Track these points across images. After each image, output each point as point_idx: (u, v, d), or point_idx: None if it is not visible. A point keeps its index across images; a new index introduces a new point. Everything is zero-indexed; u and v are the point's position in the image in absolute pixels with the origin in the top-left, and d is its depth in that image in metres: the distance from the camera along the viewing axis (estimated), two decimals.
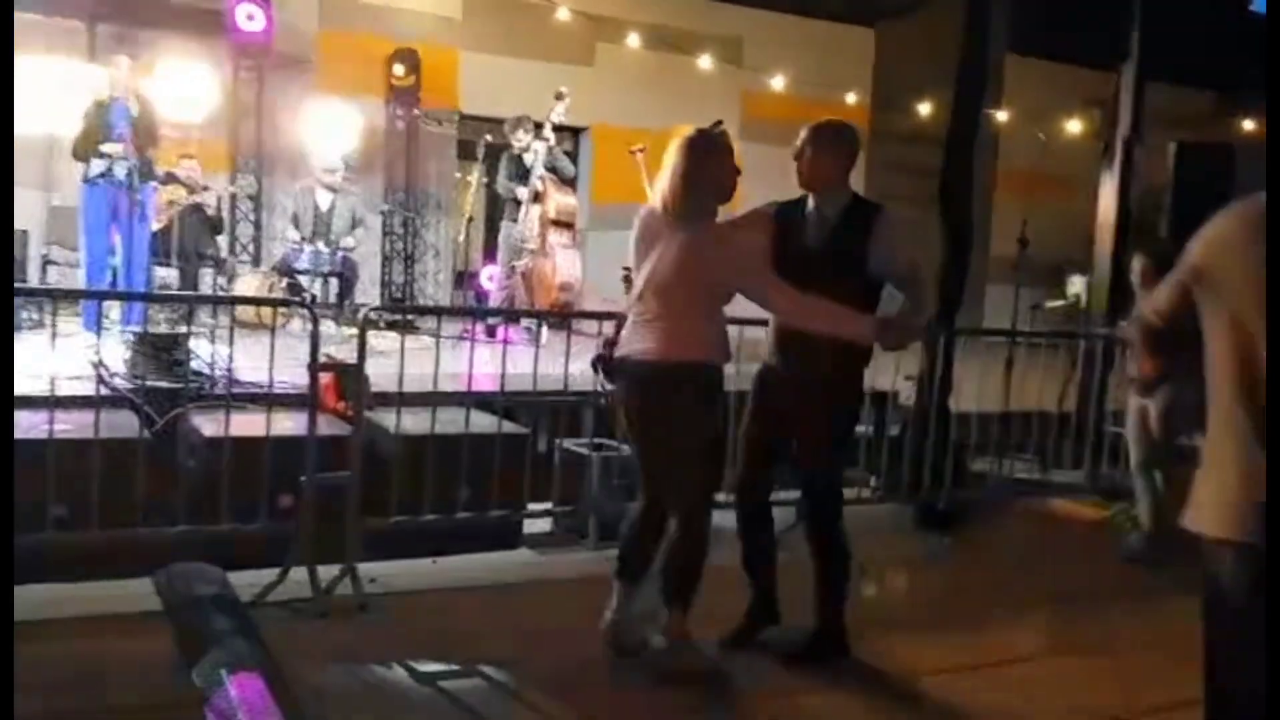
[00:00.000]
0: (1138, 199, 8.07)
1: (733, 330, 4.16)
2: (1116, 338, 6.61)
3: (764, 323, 4.10)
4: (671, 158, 3.64)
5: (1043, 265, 9.45)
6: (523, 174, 8.87)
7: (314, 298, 8.64)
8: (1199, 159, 7.08)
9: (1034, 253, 7.90)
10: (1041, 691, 3.88)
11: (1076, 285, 9.91)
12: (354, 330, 5.54)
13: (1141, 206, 8.28)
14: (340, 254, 9.15)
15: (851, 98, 11.49)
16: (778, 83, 10.81)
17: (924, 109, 10.54)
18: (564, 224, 8.93)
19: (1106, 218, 7.96)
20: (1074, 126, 10.89)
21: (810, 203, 3.95)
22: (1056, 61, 12.76)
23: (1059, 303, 9.86)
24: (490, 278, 9.91)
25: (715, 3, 11.49)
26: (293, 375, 5.12)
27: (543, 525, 5.53)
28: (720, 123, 3.83)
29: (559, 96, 8.65)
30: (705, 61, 10.70)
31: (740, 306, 3.80)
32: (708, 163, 3.65)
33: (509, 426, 5.31)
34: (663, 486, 3.78)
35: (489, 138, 9.43)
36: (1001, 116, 10.83)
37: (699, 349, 3.65)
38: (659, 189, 3.67)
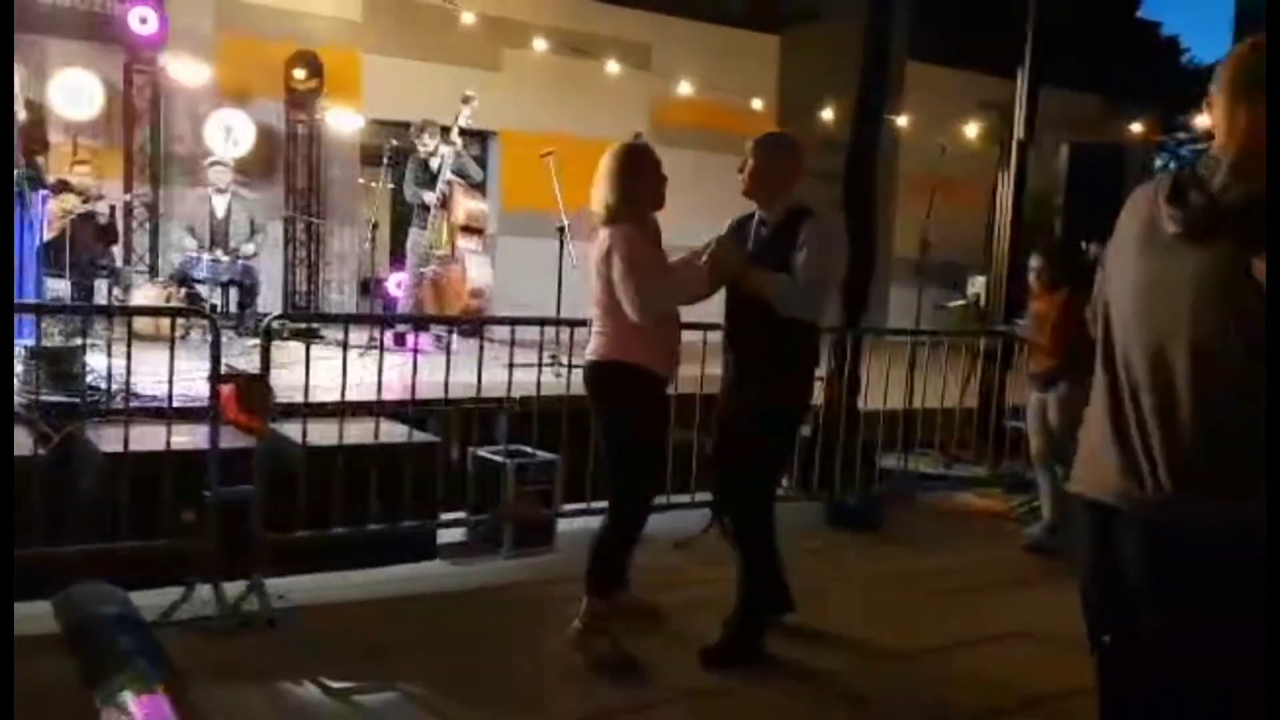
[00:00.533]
0: (1033, 199, 8.33)
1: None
2: (1015, 335, 6.80)
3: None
4: (606, 165, 3.81)
5: (944, 266, 9.69)
6: (430, 179, 8.78)
7: (214, 307, 8.43)
8: (1090, 159, 7.31)
9: (935, 254, 8.10)
10: (956, 678, 3.97)
11: (977, 285, 10.16)
12: (256, 340, 5.42)
13: (1037, 206, 8.55)
14: (240, 262, 8.94)
15: (758, 103, 11.63)
16: (685, 88, 10.88)
17: (828, 115, 10.71)
18: (473, 229, 8.86)
19: (1003, 218, 8.20)
20: (972, 130, 11.18)
21: (756, 214, 4.06)
22: (954, 68, 13.11)
23: (960, 302, 10.10)
24: (398, 284, 9.79)
25: (622, 9, 11.52)
26: (193, 387, 4.99)
27: (457, 535, 5.47)
28: (640, 134, 4.01)
29: (466, 100, 8.58)
30: (613, 67, 10.72)
31: (699, 311, 4.09)
32: (640, 171, 3.84)
33: (420, 436, 5.25)
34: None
35: (394, 142, 9.31)
36: (902, 121, 11.05)
37: (625, 351, 3.78)
38: (594, 195, 3.84)
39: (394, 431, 5.20)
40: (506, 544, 5.27)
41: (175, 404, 4.69)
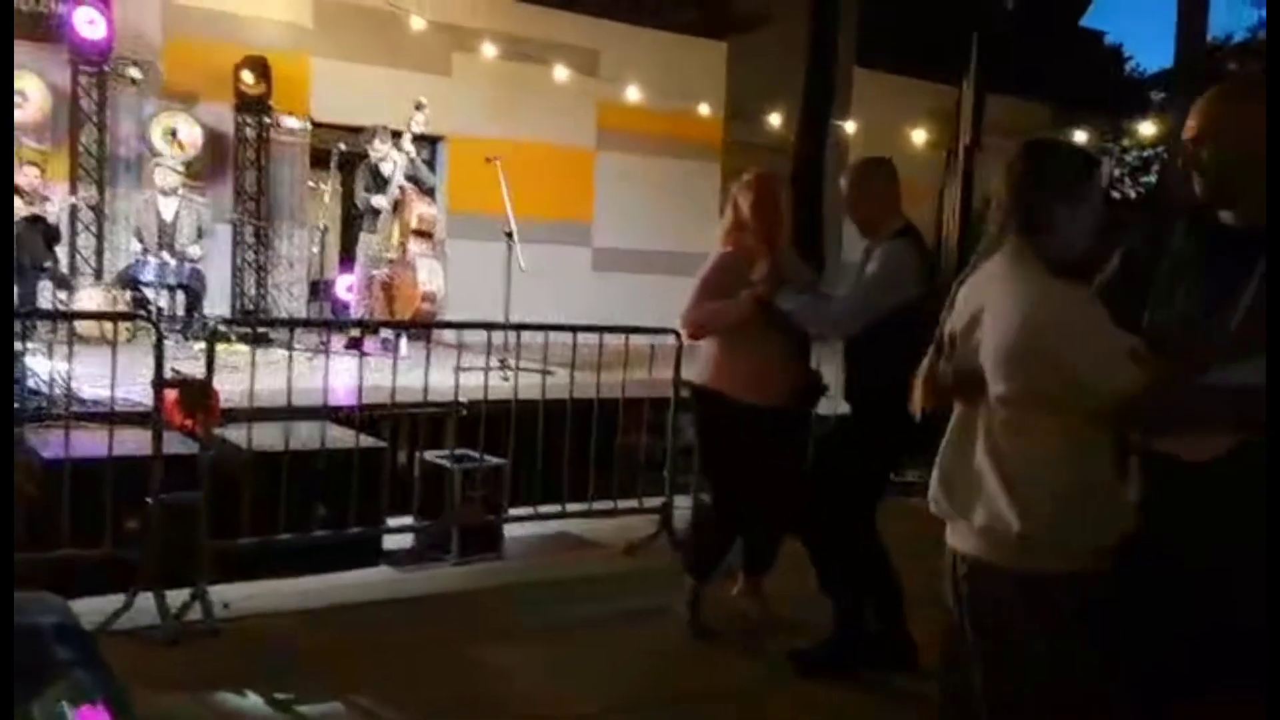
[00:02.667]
0: (980, 204, 8.47)
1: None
2: None
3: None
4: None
5: None
6: (380, 183, 8.75)
7: (159, 311, 8.34)
8: None
9: None
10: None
11: None
12: (203, 344, 5.37)
13: (984, 211, 8.69)
14: (187, 265, 8.85)
15: (705, 109, 11.71)
16: (633, 94, 10.92)
17: (775, 120, 10.81)
18: (425, 234, 8.84)
19: (951, 223, 8.34)
20: (920, 136, 11.33)
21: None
22: (902, 75, 13.28)
23: None
24: (348, 288, 9.74)
25: (571, 15, 11.55)
26: (137, 392, 4.94)
27: (404, 541, 5.46)
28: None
29: (419, 106, 8.56)
30: (561, 72, 10.74)
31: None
32: (755, 202, 4.04)
33: (366, 440, 5.23)
34: None
35: (343, 146, 9.26)
36: (850, 128, 11.18)
37: (697, 374, 4.15)
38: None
39: (341, 436, 5.18)
40: (454, 550, 5.27)
41: (119, 409, 4.64)
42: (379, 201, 8.71)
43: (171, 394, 4.57)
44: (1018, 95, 12.96)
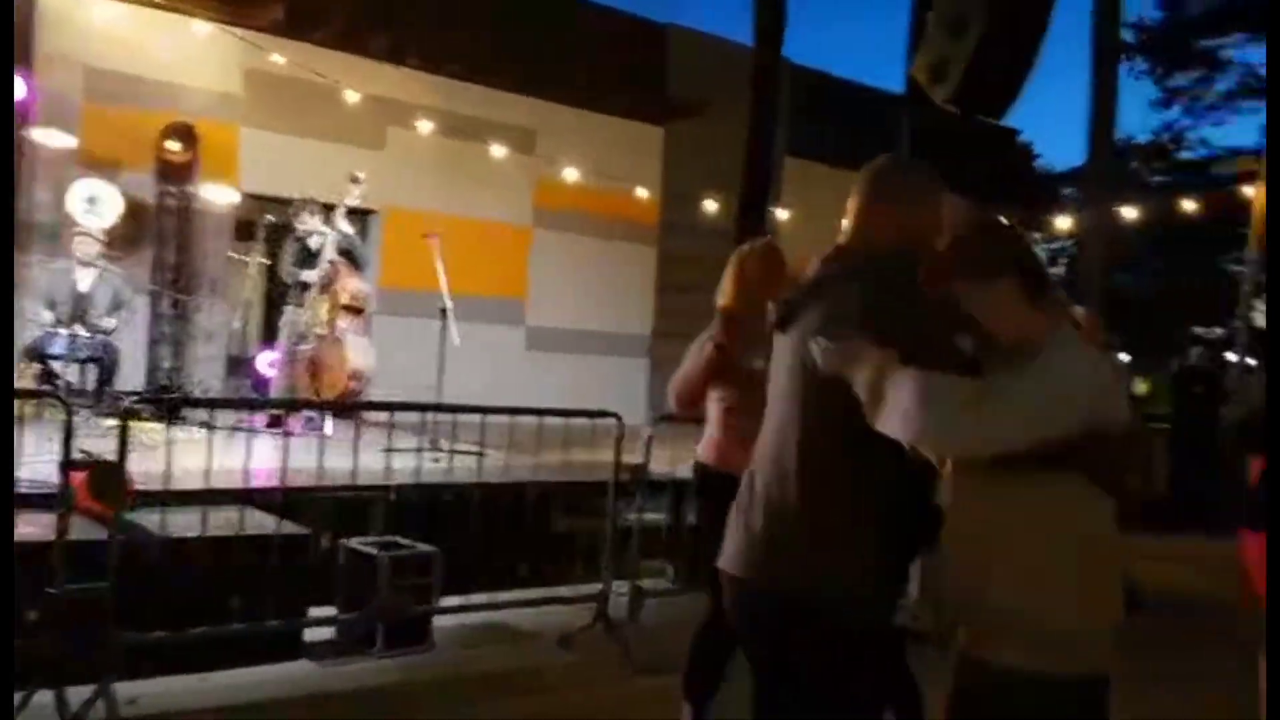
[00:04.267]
0: None
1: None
2: None
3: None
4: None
5: None
6: (307, 257, 8.53)
7: (68, 386, 7.95)
8: None
9: None
10: None
11: None
12: (115, 421, 5.09)
13: None
14: (100, 338, 8.49)
15: (642, 192, 11.75)
16: (570, 174, 10.92)
17: (711, 206, 10.89)
18: (355, 310, 8.63)
19: None
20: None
21: None
22: (833, 166, 13.50)
23: None
24: (270, 364, 9.44)
25: (509, 94, 11.56)
26: (43, 472, 4.64)
27: (326, 633, 5.16)
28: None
29: (354, 180, 8.41)
30: (498, 150, 10.71)
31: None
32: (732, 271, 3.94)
33: (288, 526, 4.96)
34: None
35: (270, 217, 9.05)
36: (783, 215, 11.30)
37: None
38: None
39: (261, 522, 4.91)
40: (379, 643, 4.99)
41: (22, 490, 4.34)
42: (307, 275, 8.49)
43: (80, 475, 4.30)
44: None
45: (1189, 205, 13.03)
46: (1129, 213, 11.85)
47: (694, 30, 13.04)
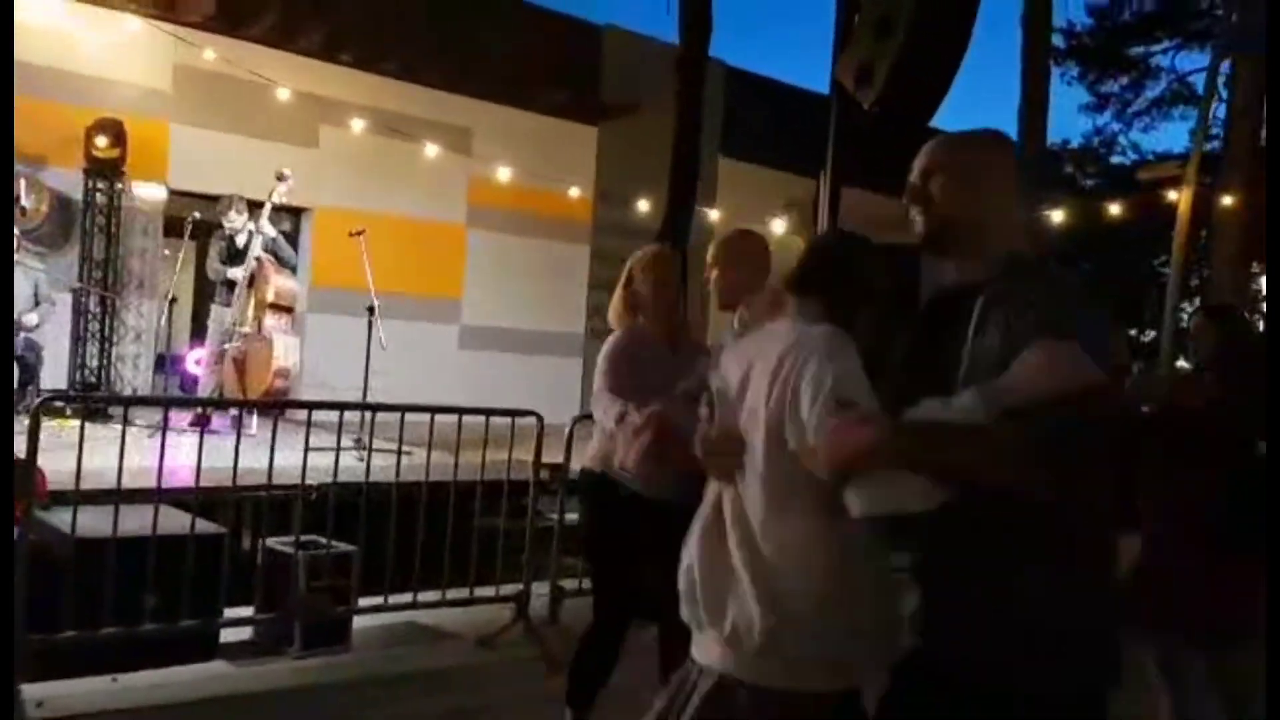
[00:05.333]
0: None
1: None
2: None
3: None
4: None
5: None
6: (235, 255, 8.47)
7: None
8: (890, 258, 7.72)
9: None
10: None
11: None
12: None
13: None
14: (21, 334, 8.35)
15: (575, 191, 11.79)
16: (504, 173, 10.93)
17: (643, 205, 10.96)
18: (283, 308, 8.57)
19: None
20: (779, 226, 11.63)
21: None
22: (764, 166, 13.64)
23: None
24: (197, 361, 9.35)
25: (443, 94, 11.53)
26: None
27: (242, 634, 5.13)
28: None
29: (281, 178, 8.36)
30: (432, 149, 10.68)
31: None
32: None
33: (204, 526, 4.93)
34: None
35: (197, 215, 8.96)
36: (714, 215, 11.40)
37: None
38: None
39: (175, 521, 4.87)
40: (297, 643, 4.97)
41: None
42: (234, 273, 8.42)
43: None
44: (871, 188, 13.45)
45: (1117, 209, 13.35)
46: (1058, 216, 12.10)
47: (629, 31, 13.10)
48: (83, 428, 4.69)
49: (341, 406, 5.68)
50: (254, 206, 8.48)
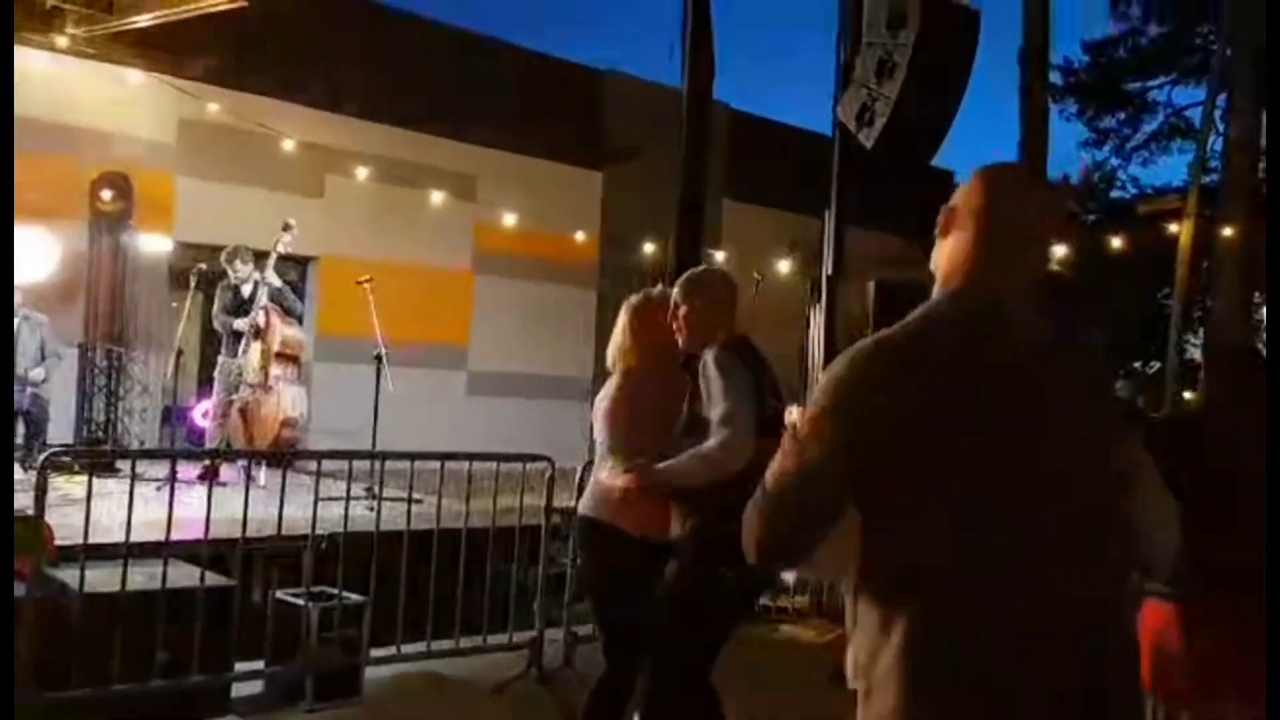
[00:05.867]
0: (843, 330, 8.70)
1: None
2: None
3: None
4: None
5: None
6: (240, 306, 8.48)
7: None
8: (894, 295, 7.76)
9: None
10: None
11: (794, 413, 10.43)
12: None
13: (848, 338, 8.95)
14: (28, 390, 8.34)
15: (581, 235, 11.84)
16: (510, 219, 10.98)
17: (649, 248, 10.99)
18: (289, 357, 8.57)
19: (815, 348, 8.53)
20: (785, 266, 11.65)
21: None
22: (768, 207, 13.71)
23: None
24: (204, 414, 9.33)
25: (448, 141, 11.62)
26: None
27: (254, 688, 5.07)
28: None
29: (286, 227, 8.39)
30: (437, 196, 10.74)
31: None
32: None
33: (213, 579, 4.88)
34: None
35: (203, 266, 8.98)
36: (720, 256, 11.42)
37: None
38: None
39: (185, 575, 4.83)
40: (309, 695, 4.90)
41: None
42: (239, 324, 8.43)
43: None
44: (875, 228, 13.51)
45: (1118, 242, 13.37)
46: (1061, 250, 12.11)
47: (631, 75, 13.22)
48: (90, 482, 4.67)
49: (350, 455, 5.66)
50: (259, 256, 8.50)
